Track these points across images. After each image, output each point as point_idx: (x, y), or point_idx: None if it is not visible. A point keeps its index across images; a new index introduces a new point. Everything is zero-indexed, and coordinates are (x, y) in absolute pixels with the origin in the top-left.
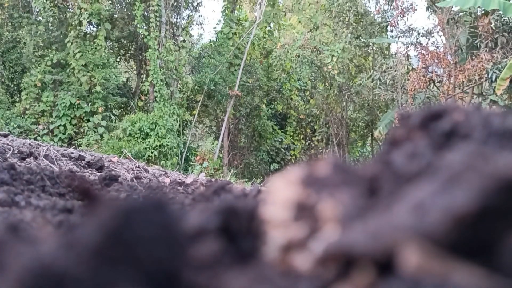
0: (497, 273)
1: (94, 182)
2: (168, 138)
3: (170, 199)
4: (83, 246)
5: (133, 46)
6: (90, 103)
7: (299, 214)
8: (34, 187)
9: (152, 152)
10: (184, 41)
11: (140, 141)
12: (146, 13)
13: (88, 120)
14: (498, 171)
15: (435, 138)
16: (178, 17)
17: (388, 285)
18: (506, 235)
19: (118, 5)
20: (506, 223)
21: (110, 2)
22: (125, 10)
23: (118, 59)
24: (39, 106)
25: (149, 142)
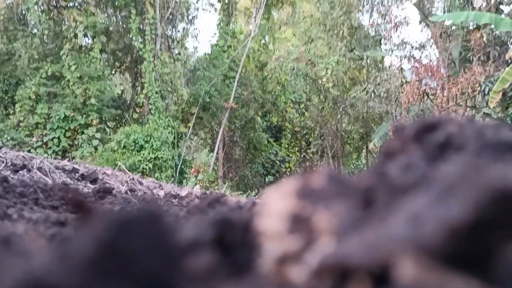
0: (494, 285)
1: (87, 195)
2: (163, 151)
3: (164, 211)
4: (76, 258)
5: (128, 58)
6: (84, 116)
7: (294, 226)
8: (27, 200)
9: (146, 165)
10: (179, 53)
11: (135, 154)
12: (141, 26)
13: (83, 133)
14: (492, 182)
15: (429, 149)
16: (174, 30)
17: None
18: (502, 246)
19: (114, 17)
20: (501, 234)
21: (106, 15)
22: (120, 23)
23: (113, 72)
24: (33, 118)
25: (143, 154)
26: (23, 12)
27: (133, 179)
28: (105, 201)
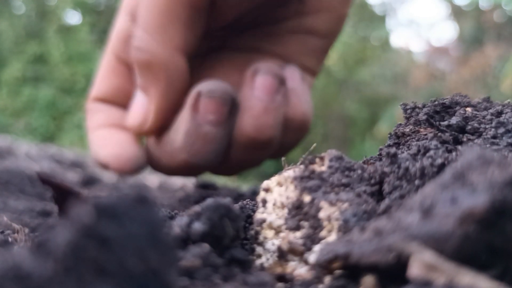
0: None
1: (75, 182)
2: None
3: (156, 197)
4: (56, 246)
5: None
6: (73, 98)
7: (297, 216)
8: (12, 188)
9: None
10: None
11: None
12: None
13: (71, 117)
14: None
15: (444, 132)
16: None
17: None
18: None
19: None
20: None
21: None
22: (112, 1)
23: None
24: (20, 101)
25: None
26: None
27: None
28: (93, 188)
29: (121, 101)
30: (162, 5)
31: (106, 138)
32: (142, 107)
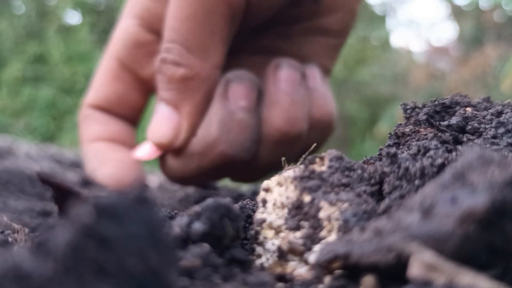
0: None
1: (75, 182)
2: None
3: (156, 197)
4: (56, 246)
5: None
6: (73, 98)
7: (297, 216)
8: (12, 188)
9: None
10: None
11: None
12: None
13: (71, 116)
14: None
15: (444, 132)
16: None
17: None
18: None
19: None
20: None
21: None
22: (113, 1)
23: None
24: (20, 101)
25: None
26: None
27: None
28: (93, 188)
29: (122, 112)
30: (200, 19)
31: (105, 154)
32: (171, 122)
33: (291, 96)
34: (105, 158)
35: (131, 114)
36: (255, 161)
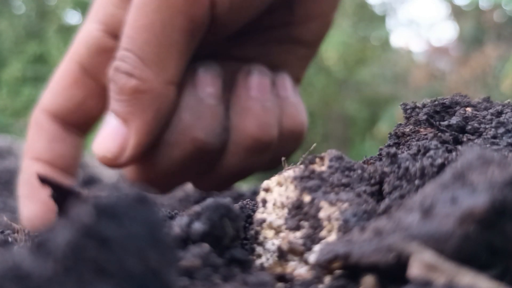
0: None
1: (74, 182)
2: None
3: (155, 197)
4: (56, 246)
5: None
6: None
7: (297, 216)
8: (12, 188)
9: None
10: None
11: None
12: None
13: None
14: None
15: (444, 132)
16: None
17: None
18: None
19: None
20: None
21: None
22: None
23: None
24: (20, 101)
25: None
26: None
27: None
28: (93, 188)
29: (77, 120)
30: (158, 30)
31: (35, 187)
32: (117, 136)
33: (262, 102)
34: (34, 192)
35: (85, 123)
36: (220, 170)
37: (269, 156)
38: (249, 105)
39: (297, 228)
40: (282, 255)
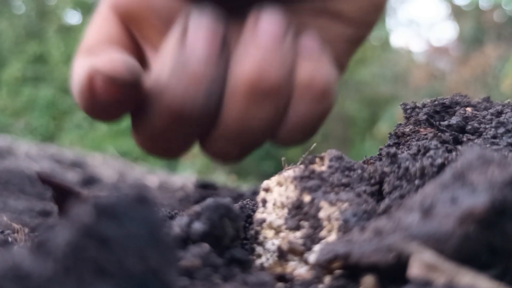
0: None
1: (75, 182)
2: None
3: (155, 197)
4: (56, 246)
5: None
6: (73, 98)
7: (297, 216)
8: (12, 188)
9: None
10: None
11: (127, 138)
12: None
13: (71, 116)
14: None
15: (444, 132)
16: None
17: None
18: None
19: None
20: None
21: None
22: None
23: None
24: (20, 101)
25: None
26: None
27: (124, 165)
28: (93, 188)
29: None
30: None
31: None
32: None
33: (268, 48)
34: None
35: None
36: (222, 125)
37: (277, 108)
38: (250, 51)
39: (297, 228)
40: (282, 255)
